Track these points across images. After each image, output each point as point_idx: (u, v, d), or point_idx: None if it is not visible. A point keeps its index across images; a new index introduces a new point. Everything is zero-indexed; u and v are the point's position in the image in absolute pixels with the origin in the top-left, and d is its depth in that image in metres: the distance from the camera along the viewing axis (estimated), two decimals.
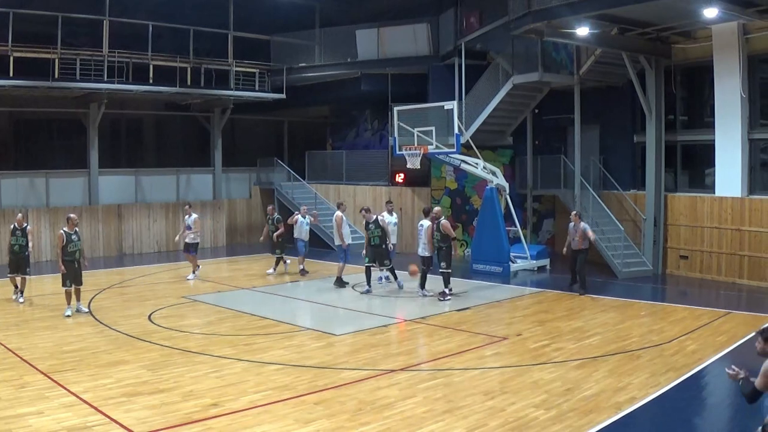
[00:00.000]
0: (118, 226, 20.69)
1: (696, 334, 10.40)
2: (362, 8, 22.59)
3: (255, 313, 12.09)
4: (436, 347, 9.80)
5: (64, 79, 18.11)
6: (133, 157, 23.41)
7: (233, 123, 24.63)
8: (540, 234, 20.46)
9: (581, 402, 7.34)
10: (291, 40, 22.79)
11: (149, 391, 7.65)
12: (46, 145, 21.58)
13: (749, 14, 13.30)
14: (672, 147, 16.77)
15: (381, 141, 23.13)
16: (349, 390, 7.80)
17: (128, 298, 13.53)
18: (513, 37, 16.95)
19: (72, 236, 11.85)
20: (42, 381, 7.96)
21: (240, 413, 7.01)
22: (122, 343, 9.82)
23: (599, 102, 18.12)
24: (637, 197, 17.29)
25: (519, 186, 20.01)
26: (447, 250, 13.22)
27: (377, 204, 21.04)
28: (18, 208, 18.77)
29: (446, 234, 13.15)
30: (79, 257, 11.92)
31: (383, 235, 13.93)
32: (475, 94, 18.95)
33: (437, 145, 16.36)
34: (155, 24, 19.73)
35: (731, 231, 15.19)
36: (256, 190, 24.63)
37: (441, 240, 13.23)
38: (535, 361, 8.99)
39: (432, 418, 6.88)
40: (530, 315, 12.00)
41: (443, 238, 13.19)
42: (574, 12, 13.71)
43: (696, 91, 17.12)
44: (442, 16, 20.32)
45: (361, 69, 21.64)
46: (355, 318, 11.86)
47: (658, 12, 14.07)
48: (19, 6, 17.38)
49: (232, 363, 8.88)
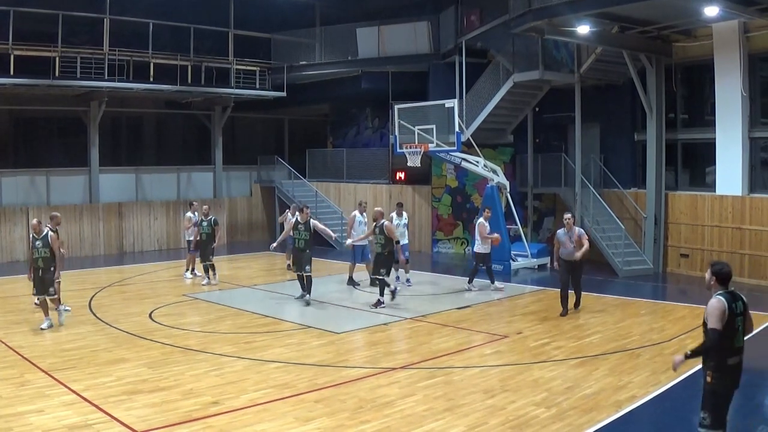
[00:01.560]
0: (119, 224, 20.70)
1: (696, 332, 10.36)
2: (362, 6, 22.57)
3: (256, 311, 12.10)
4: (436, 345, 9.80)
5: (64, 77, 18.12)
6: (134, 155, 23.41)
7: (234, 121, 24.63)
8: (540, 232, 20.45)
9: (581, 400, 7.34)
10: (291, 38, 22.78)
11: (150, 389, 7.66)
12: (46, 143, 21.57)
13: (750, 13, 13.28)
14: (672, 145, 16.76)
15: (381, 139, 23.12)
16: (349, 388, 7.80)
17: (129, 296, 13.53)
18: (513, 36, 16.94)
19: (36, 242, 10.31)
20: (42, 379, 7.97)
21: (240, 411, 7.01)
22: (123, 342, 9.82)
23: (600, 100, 18.10)
24: (638, 195, 17.28)
25: (520, 184, 20.00)
26: (389, 255, 12.43)
27: (377, 202, 21.07)
28: (20, 207, 18.84)
29: (390, 237, 12.36)
30: (42, 265, 10.29)
31: (386, 243, 12.47)
32: (475, 93, 18.95)
33: (438, 143, 16.37)
34: (156, 22, 19.72)
35: (732, 229, 15.18)
36: (256, 188, 24.63)
37: (384, 244, 12.39)
38: (535, 360, 8.99)
39: (432, 417, 6.88)
40: (530, 313, 12.00)
41: (387, 242, 12.37)
42: (575, 10, 13.70)
43: (696, 90, 17.11)
44: (443, 14, 20.30)
45: (362, 67, 21.63)
46: (356, 316, 11.86)
47: (658, 10, 14.05)
48: (20, 4, 17.37)
49: (232, 361, 8.89)
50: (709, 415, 5.30)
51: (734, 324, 5.22)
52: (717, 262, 5.41)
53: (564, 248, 11.63)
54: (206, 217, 14.87)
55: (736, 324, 5.25)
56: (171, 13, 19.99)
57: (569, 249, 11.58)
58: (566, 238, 11.61)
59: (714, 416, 5.28)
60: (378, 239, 12.48)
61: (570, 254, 11.59)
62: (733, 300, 5.24)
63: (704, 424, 5.32)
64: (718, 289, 5.31)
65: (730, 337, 5.21)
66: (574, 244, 11.55)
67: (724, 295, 5.24)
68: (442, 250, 20.37)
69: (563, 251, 11.64)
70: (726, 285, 5.31)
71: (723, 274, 5.30)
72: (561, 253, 11.69)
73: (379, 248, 12.56)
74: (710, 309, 5.18)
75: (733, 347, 5.24)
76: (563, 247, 11.64)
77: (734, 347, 5.25)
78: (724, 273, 5.31)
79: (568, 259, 11.58)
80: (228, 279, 15.82)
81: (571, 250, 11.56)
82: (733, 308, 5.20)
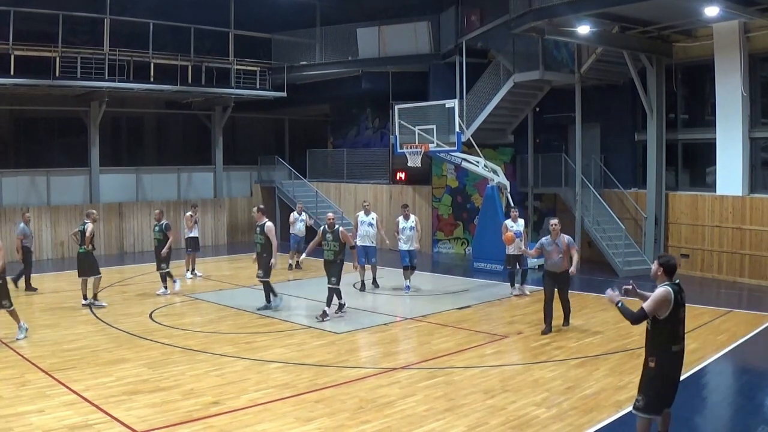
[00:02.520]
0: (119, 224, 20.71)
1: (696, 332, 10.38)
2: (363, 6, 22.60)
3: (256, 311, 12.10)
4: (436, 345, 9.80)
5: (65, 77, 18.12)
6: (134, 155, 23.42)
7: (234, 121, 24.64)
8: (541, 232, 20.39)
9: (582, 400, 7.34)
10: (292, 38, 22.78)
11: (150, 389, 7.66)
12: (47, 143, 21.59)
13: (750, 13, 13.29)
14: (673, 145, 16.76)
15: (382, 139, 23.13)
16: (349, 388, 7.80)
17: (129, 297, 13.53)
18: (514, 36, 16.96)
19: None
20: (43, 379, 7.97)
21: (241, 411, 7.01)
22: (123, 342, 9.83)
23: (600, 100, 18.11)
24: (638, 196, 17.28)
25: (520, 184, 20.00)
26: (341, 263, 11.37)
27: (378, 202, 21.09)
28: (20, 207, 18.83)
29: (344, 242, 11.37)
30: None
31: (339, 250, 11.33)
32: (475, 93, 18.96)
33: (438, 143, 16.37)
34: (156, 22, 19.72)
35: (732, 230, 15.18)
36: (257, 189, 24.64)
37: (337, 252, 11.30)
38: (535, 360, 9.00)
39: (432, 417, 6.88)
40: (531, 313, 11.98)
41: (340, 249, 11.31)
42: (575, 10, 13.71)
43: (697, 90, 17.11)
44: (443, 15, 20.31)
45: (362, 67, 21.64)
46: (356, 316, 11.85)
47: (659, 10, 14.06)
48: (20, 4, 17.38)
49: (233, 361, 8.89)
50: (644, 398, 5.60)
51: (679, 314, 5.50)
52: (664, 255, 5.71)
53: (549, 259, 10.42)
54: (158, 222, 13.80)
55: (681, 314, 5.53)
56: (171, 13, 20.01)
57: (555, 259, 10.36)
58: (553, 247, 10.36)
59: (649, 400, 5.59)
60: (330, 246, 11.29)
61: (556, 265, 10.36)
62: (679, 291, 5.51)
63: (637, 406, 5.66)
64: (665, 279, 5.56)
65: (675, 325, 5.50)
66: (562, 254, 10.32)
67: (672, 286, 5.50)
68: (442, 250, 20.37)
69: (549, 262, 10.43)
70: (672, 277, 5.58)
71: (670, 266, 5.59)
72: (546, 264, 10.54)
73: (330, 255, 11.33)
74: (656, 295, 5.46)
75: (677, 335, 5.54)
76: (548, 257, 10.42)
77: (678, 335, 5.55)
78: (671, 265, 5.60)
79: (554, 271, 10.40)
80: (228, 279, 15.83)
81: (558, 260, 10.34)
82: (678, 299, 5.48)
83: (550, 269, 10.46)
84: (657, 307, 5.42)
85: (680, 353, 5.58)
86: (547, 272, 10.55)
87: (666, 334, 5.48)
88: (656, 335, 5.53)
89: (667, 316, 5.44)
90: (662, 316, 5.45)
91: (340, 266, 11.35)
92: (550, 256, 10.40)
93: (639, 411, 5.65)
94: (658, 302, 5.42)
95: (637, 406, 5.67)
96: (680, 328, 5.55)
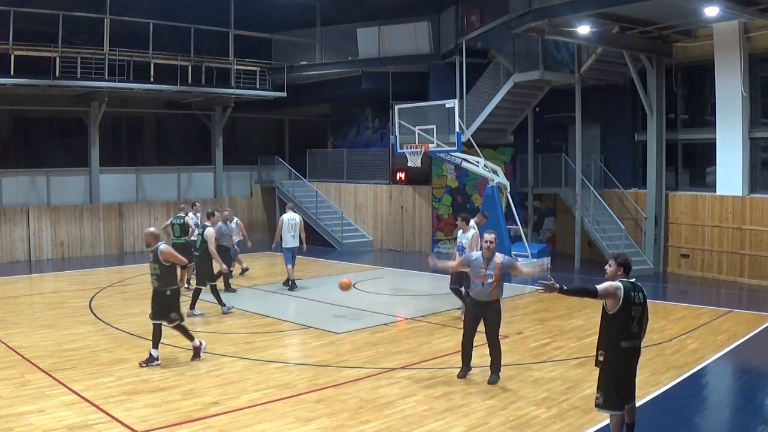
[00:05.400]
0: (119, 224, 20.69)
1: (697, 332, 10.39)
2: (363, 6, 22.58)
3: (256, 311, 12.11)
4: (436, 345, 9.80)
5: (64, 77, 18.10)
6: (134, 155, 23.40)
7: (234, 121, 24.61)
8: (541, 232, 20.46)
9: (582, 400, 7.34)
10: (292, 38, 22.77)
11: (150, 389, 7.66)
12: (47, 143, 21.58)
13: (750, 13, 13.28)
14: (673, 145, 16.76)
15: (382, 139, 23.11)
16: (349, 388, 7.80)
17: (129, 297, 13.52)
18: (514, 36, 16.95)
19: None
20: (43, 379, 7.97)
21: (240, 411, 7.01)
22: (123, 342, 9.83)
23: (600, 100, 18.11)
24: (638, 196, 17.28)
25: (520, 184, 20.01)
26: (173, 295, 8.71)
27: (378, 202, 21.08)
28: (20, 207, 18.84)
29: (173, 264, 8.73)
30: None
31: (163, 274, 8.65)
32: (475, 93, 18.96)
33: (438, 143, 16.37)
34: (156, 22, 19.70)
35: (732, 230, 15.18)
36: (257, 189, 24.61)
37: (160, 276, 8.59)
38: (535, 360, 9.00)
39: (432, 417, 6.88)
40: (531, 313, 11.99)
41: (164, 274, 8.60)
42: (575, 10, 13.71)
43: (697, 90, 17.12)
44: (443, 15, 20.30)
45: (362, 67, 21.62)
46: (356, 316, 11.85)
47: (659, 10, 14.06)
48: (20, 4, 17.37)
49: (232, 361, 8.89)
50: (602, 394, 5.76)
51: (630, 311, 5.66)
52: (620, 254, 5.97)
53: (474, 284, 7.91)
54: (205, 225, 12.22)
55: (633, 311, 5.68)
56: (171, 14, 20.00)
57: (480, 287, 7.79)
58: (480, 270, 7.79)
59: (606, 396, 5.72)
60: (153, 269, 8.68)
61: (483, 293, 7.80)
62: (633, 289, 5.71)
63: (597, 404, 5.82)
64: (622, 277, 5.79)
65: (625, 321, 5.66)
66: (493, 279, 7.72)
67: (625, 283, 5.72)
68: (442, 250, 20.34)
69: (474, 287, 7.92)
70: (628, 275, 5.80)
71: (626, 264, 5.83)
72: (471, 289, 8.08)
73: (155, 283, 8.67)
74: (608, 283, 5.71)
75: (628, 332, 5.68)
76: (473, 279, 7.90)
77: (629, 332, 5.69)
78: (627, 263, 5.84)
79: (479, 300, 7.88)
80: None
81: (484, 288, 7.77)
82: (631, 296, 5.66)
83: (474, 297, 7.95)
84: (605, 294, 5.63)
85: (631, 350, 5.72)
86: (471, 299, 8.06)
87: (615, 329, 5.65)
88: (605, 329, 5.74)
89: (616, 311, 5.63)
90: (611, 310, 5.66)
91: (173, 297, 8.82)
92: (475, 279, 7.88)
93: (599, 408, 5.80)
94: (607, 289, 5.62)
95: (597, 404, 5.82)
96: (632, 326, 5.68)
